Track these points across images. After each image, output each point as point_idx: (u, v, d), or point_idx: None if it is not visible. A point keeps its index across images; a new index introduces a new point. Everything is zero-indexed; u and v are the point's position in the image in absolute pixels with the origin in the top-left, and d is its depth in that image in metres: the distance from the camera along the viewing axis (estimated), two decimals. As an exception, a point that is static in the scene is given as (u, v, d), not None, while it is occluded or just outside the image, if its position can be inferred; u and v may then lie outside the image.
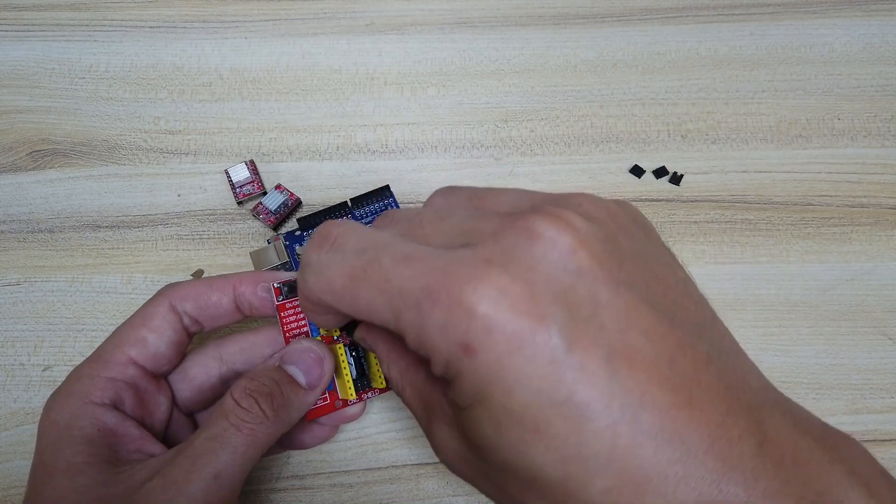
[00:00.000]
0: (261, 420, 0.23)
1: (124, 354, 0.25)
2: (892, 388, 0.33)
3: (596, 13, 0.43)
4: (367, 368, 0.27)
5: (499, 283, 0.16)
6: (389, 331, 0.19)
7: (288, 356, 0.25)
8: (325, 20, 0.43)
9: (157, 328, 0.26)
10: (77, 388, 0.24)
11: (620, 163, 0.38)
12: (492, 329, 0.16)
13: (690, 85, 0.41)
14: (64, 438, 0.23)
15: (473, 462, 0.19)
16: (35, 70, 0.41)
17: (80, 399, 0.24)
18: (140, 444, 0.24)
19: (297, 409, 0.24)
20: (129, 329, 0.26)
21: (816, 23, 0.43)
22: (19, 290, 0.35)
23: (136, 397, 0.25)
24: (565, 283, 0.16)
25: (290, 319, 0.26)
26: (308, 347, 0.25)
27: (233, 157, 0.38)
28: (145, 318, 0.26)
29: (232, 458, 0.22)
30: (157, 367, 0.26)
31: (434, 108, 0.40)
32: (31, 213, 0.37)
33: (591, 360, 0.16)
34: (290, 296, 0.26)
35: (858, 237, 0.36)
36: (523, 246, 0.17)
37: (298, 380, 0.24)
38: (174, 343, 0.26)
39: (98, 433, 0.24)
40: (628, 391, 0.15)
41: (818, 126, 0.40)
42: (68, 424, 0.24)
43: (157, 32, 0.42)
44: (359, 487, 0.31)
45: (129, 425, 0.24)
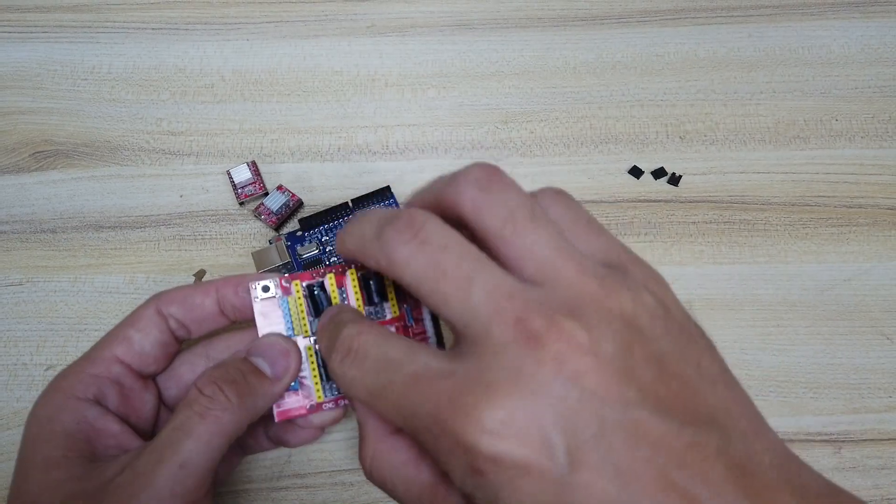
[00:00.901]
0: (225, 406, 0.23)
1: (110, 352, 0.26)
2: (889, 387, 0.33)
3: (595, 15, 0.43)
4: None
5: (502, 415, 0.16)
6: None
7: (254, 348, 0.25)
8: (326, 22, 0.43)
9: (143, 328, 0.26)
10: (62, 384, 0.25)
11: (619, 164, 0.39)
12: (497, 460, 0.16)
13: (689, 86, 0.41)
14: (44, 433, 0.24)
15: None
16: (38, 71, 0.41)
17: (63, 394, 0.24)
18: (119, 439, 0.25)
19: (262, 397, 0.24)
20: (117, 330, 0.26)
21: (814, 24, 0.43)
22: (22, 290, 0.35)
23: (119, 394, 0.26)
24: (571, 407, 0.17)
25: (266, 319, 0.26)
26: (274, 341, 0.25)
27: (234, 157, 0.39)
28: (132, 320, 0.26)
29: (197, 446, 0.22)
30: (143, 365, 0.26)
31: (434, 110, 0.40)
32: (34, 214, 0.37)
33: (599, 478, 0.16)
34: (266, 294, 0.26)
35: (856, 237, 0.37)
36: (529, 367, 0.17)
37: (264, 370, 0.25)
38: (160, 343, 0.26)
39: (77, 427, 0.24)
40: (637, 502, 0.16)
41: (816, 127, 0.40)
42: (50, 418, 0.24)
43: (159, 34, 0.43)
44: (359, 486, 0.31)
45: (110, 420, 0.25)
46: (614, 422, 0.17)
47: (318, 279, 0.27)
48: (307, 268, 0.34)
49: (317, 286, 0.27)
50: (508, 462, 0.16)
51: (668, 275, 0.36)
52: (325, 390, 0.26)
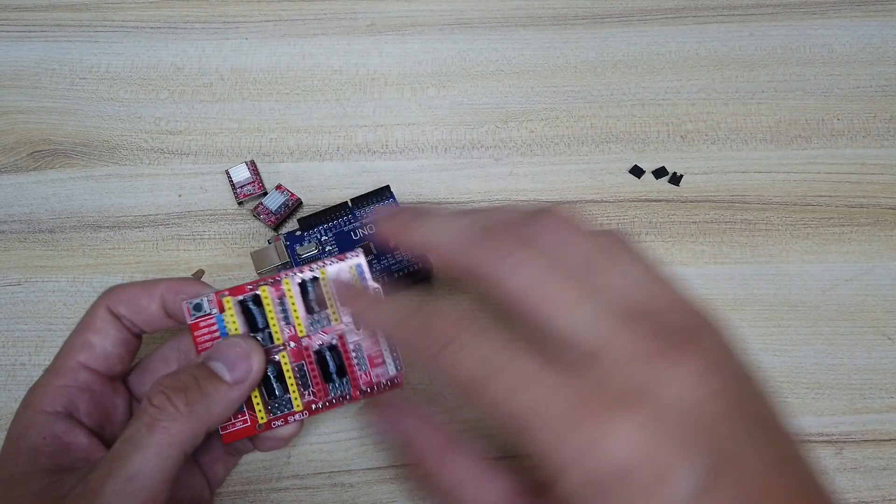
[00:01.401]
0: (174, 417, 0.22)
1: (73, 360, 0.25)
2: (891, 387, 0.33)
3: (596, 14, 0.43)
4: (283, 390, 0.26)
5: (633, 428, 0.16)
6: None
7: (213, 351, 0.25)
8: (325, 21, 0.43)
9: (100, 330, 0.26)
10: (31, 399, 0.25)
11: (620, 163, 0.39)
12: (624, 473, 0.16)
13: (690, 85, 0.41)
14: (11, 450, 0.24)
15: None
16: (36, 70, 0.41)
17: (32, 409, 0.24)
18: (88, 453, 0.24)
19: (218, 403, 0.24)
20: (75, 336, 0.26)
21: (816, 23, 0.43)
22: (20, 290, 0.35)
23: (92, 402, 0.25)
24: (696, 426, 0.17)
25: (204, 336, 0.26)
26: (235, 342, 0.25)
27: (233, 157, 0.39)
28: (87, 323, 0.26)
29: (146, 458, 0.22)
30: (109, 367, 0.26)
31: (434, 109, 0.40)
32: (32, 214, 0.37)
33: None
34: (199, 314, 0.26)
35: (858, 237, 0.37)
36: (653, 382, 0.17)
37: (222, 375, 0.24)
38: (120, 341, 0.26)
39: (43, 442, 0.24)
40: None
41: (817, 126, 0.40)
42: (18, 435, 0.24)
43: (157, 33, 0.42)
44: (359, 487, 0.31)
45: (79, 433, 0.24)
46: (740, 450, 0.17)
47: (251, 292, 0.26)
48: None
49: (250, 300, 0.26)
50: (637, 478, 0.16)
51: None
52: (268, 410, 0.26)
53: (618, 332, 0.18)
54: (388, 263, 0.33)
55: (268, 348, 0.26)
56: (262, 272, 0.33)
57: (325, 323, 0.26)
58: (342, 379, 0.26)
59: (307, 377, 0.26)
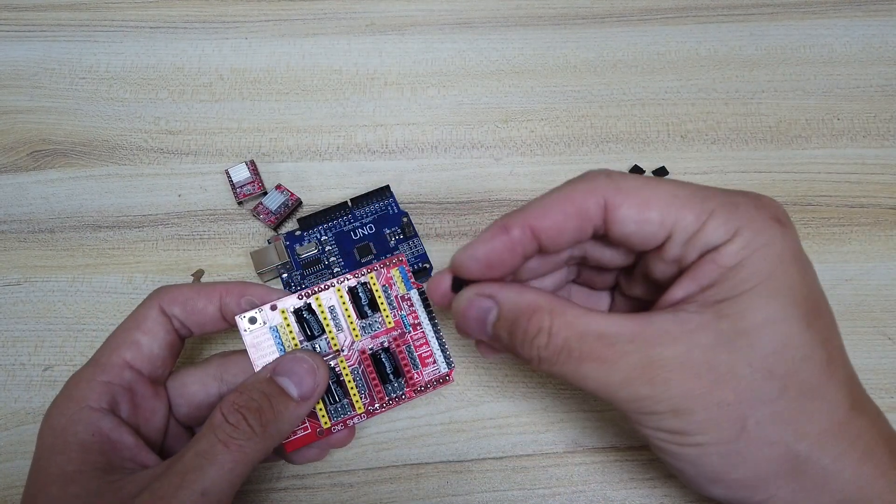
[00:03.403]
0: (249, 436, 0.23)
1: (119, 357, 0.25)
2: (891, 387, 0.33)
3: (596, 13, 0.43)
4: (342, 395, 0.27)
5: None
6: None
7: (280, 367, 0.25)
8: (325, 21, 0.43)
9: (150, 330, 0.26)
10: (75, 393, 0.24)
11: (620, 163, 0.39)
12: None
13: (690, 85, 0.41)
14: (59, 444, 0.23)
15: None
16: (35, 70, 0.41)
17: (77, 403, 0.24)
18: (134, 453, 0.24)
19: (287, 422, 0.24)
20: (123, 332, 0.26)
21: (816, 23, 0.43)
22: (20, 289, 0.35)
23: (131, 402, 0.25)
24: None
25: (260, 350, 0.26)
26: (300, 357, 0.25)
27: (233, 157, 0.39)
28: (137, 321, 0.26)
29: (219, 474, 0.22)
30: (153, 369, 0.26)
31: (434, 109, 0.40)
32: (32, 213, 0.37)
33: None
34: (253, 326, 0.26)
35: (858, 237, 0.36)
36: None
37: (290, 391, 0.24)
38: (167, 344, 0.26)
39: (93, 438, 0.23)
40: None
41: (818, 126, 0.40)
42: (64, 429, 0.24)
43: (157, 33, 0.42)
44: (359, 487, 0.31)
45: (125, 432, 0.24)
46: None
47: (304, 300, 0.26)
48: (306, 268, 0.34)
49: (304, 309, 0.26)
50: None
51: (669, 275, 0.35)
52: (330, 414, 0.26)
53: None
54: (387, 263, 0.33)
55: (325, 354, 0.26)
56: (261, 272, 0.33)
57: (377, 326, 0.27)
58: (398, 380, 0.27)
59: (365, 380, 0.27)
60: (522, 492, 0.31)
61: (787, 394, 0.21)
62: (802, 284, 0.22)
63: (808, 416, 0.21)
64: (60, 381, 0.33)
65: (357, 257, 0.34)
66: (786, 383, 0.21)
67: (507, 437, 0.32)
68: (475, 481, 0.31)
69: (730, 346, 0.21)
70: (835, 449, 0.21)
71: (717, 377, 0.21)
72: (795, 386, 0.21)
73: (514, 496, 0.31)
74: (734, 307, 0.21)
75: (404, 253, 0.34)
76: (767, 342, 0.21)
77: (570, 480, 0.31)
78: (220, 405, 0.23)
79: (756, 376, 0.21)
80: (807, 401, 0.21)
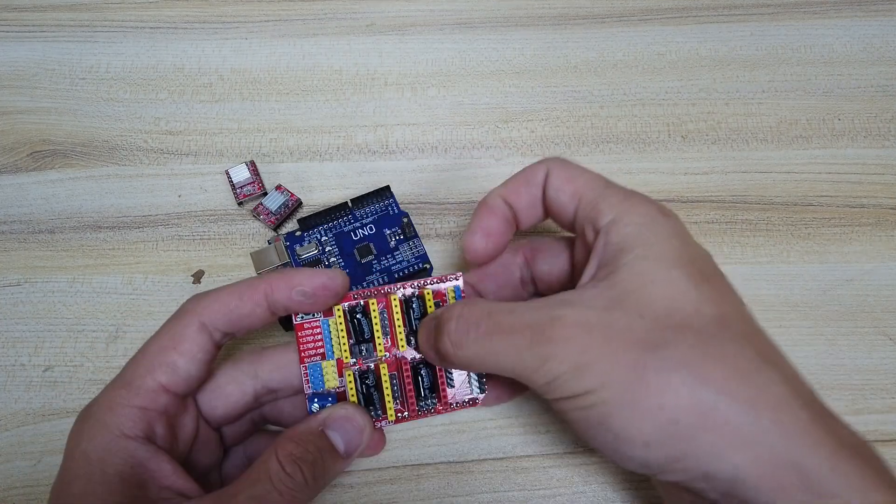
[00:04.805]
0: (302, 487, 0.23)
1: (154, 381, 0.24)
2: (892, 388, 0.33)
3: (596, 14, 0.43)
4: (378, 399, 0.27)
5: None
6: None
7: (331, 420, 0.25)
8: (325, 21, 0.43)
9: (188, 351, 0.24)
10: (109, 420, 0.23)
11: (620, 163, 0.38)
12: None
13: (690, 85, 0.41)
14: (96, 474, 0.22)
15: None
16: (35, 71, 0.41)
17: (112, 432, 0.23)
18: (172, 480, 0.24)
19: (332, 475, 0.25)
20: (159, 352, 0.24)
21: (816, 23, 0.43)
22: (20, 290, 0.35)
23: (167, 426, 0.24)
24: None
25: (308, 339, 0.27)
26: (351, 416, 0.25)
27: (233, 157, 0.38)
28: (175, 340, 0.25)
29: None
30: (188, 389, 0.25)
31: (434, 109, 0.40)
32: (32, 214, 0.37)
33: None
34: (306, 317, 0.27)
35: (859, 238, 0.36)
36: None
37: (338, 446, 0.25)
38: (204, 363, 0.25)
39: (132, 471, 0.23)
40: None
41: (818, 126, 0.40)
42: (101, 459, 0.23)
43: (157, 33, 0.42)
44: (359, 487, 0.31)
45: (162, 459, 0.24)
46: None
47: (358, 301, 0.27)
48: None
49: (359, 310, 0.27)
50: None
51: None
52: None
53: None
54: (388, 264, 0.33)
55: (366, 361, 0.27)
56: (261, 272, 0.33)
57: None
58: (432, 395, 0.27)
59: (401, 388, 0.27)
60: (523, 492, 0.31)
61: (684, 340, 0.21)
62: (686, 253, 0.23)
63: (710, 362, 0.21)
64: (60, 382, 0.33)
65: (357, 258, 0.34)
66: (681, 331, 0.21)
67: (507, 437, 0.32)
68: (476, 482, 0.31)
69: (622, 305, 0.22)
70: (743, 394, 0.20)
71: (613, 332, 0.22)
72: (692, 334, 0.21)
73: (515, 497, 0.31)
74: (623, 273, 0.23)
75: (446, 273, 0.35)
76: (656, 297, 0.22)
77: (570, 481, 0.31)
78: (276, 452, 0.23)
79: (649, 325, 0.22)
80: (705, 346, 0.21)
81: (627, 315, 0.22)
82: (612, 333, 0.22)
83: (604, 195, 0.25)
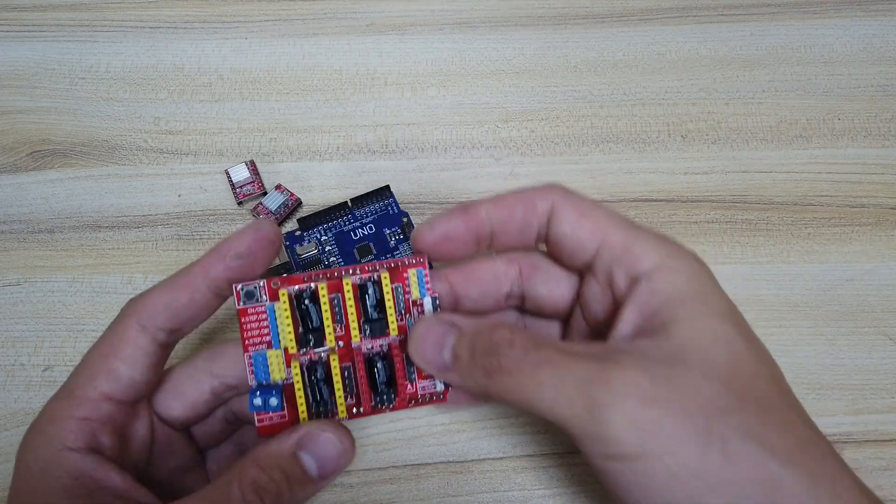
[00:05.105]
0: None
1: (95, 390, 0.23)
2: (892, 388, 0.33)
3: (596, 13, 0.43)
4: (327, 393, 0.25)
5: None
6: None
7: (307, 440, 0.23)
8: (325, 20, 0.43)
9: (128, 357, 0.23)
10: (50, 430, 0.22)
11: (620, 163, 0.38)
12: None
13: (690, 85, 0.41)
14: (39, 487, 0.22)
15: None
16: (35, 70, 0.41)
17: (55, 445, 0.22)
18: (123, 490, 0.22)
19: (300, 499, 0.23)
20: (99, 359, 0.23)
21: (816, 23, 0.43)
22: (19, 290, 0.35)
23: (113, 434, 0.23)
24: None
25: (252, 325, 0.24)
26: (331, 439, 0.23)
27: (233, 157, 0.38)
28: (113, 346, 0.23)
29: None
30: (135, 395, 0.24)
31: (434, 109, 0.40)
32: (32, 214, 0.37)
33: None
34: (250, 302, 0.24)
35: (859, 237, 0.36)
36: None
37: (310, 470, 0.23)
38: (149, 366, 0.24)
39: (77, 482, 0.22)
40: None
41: (818, 126, 0.40)
42: (43, 471, 0.22)
43: (157, 33, 0.42)
44: (359, 487, 0.31)
45: (110, 470, 0.22)
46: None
47: (307, 284, 0.24)
48: (306, 268, 0.34)
49: (307, 295, 0.24)
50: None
51: (670, 275, 0.35)
52: (311, 412, 0.24)
53: None
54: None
55: (317, 351, 0.25)
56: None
57: (379, 330, 0.25)
58: (389, 390, 0.25)
59: (354, 382, 0.25)
60: (523, 492, 0.31)
61: (748, 407, 0.20)
62: (730, 306, 0.23)
63: (774, 430, 0.20)
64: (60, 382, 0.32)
65: (357, 257, 0.34)
66: (744, 396, 0.20)
67: (507, 437, 0.32)
68: (476, 482, 0.31)
69: (684, 363, 0.20)
70: (805, 467, 0.20)
71: (678, 391, 0.20)
72: (753, 400, 0.20)
73: (515, 497, 0.31)
74: (680, 328, 0.21)
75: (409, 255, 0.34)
76: (719, 358, 0.21)
77: (570, 481, 0.31)
78: (239, 478, 0.22)
79: (714, 388, 0.20)
80: (767, 415, 0.20)
81: (691, 375, 0.20)
82: (677, 392, 0.20)
83: (635, 237, 0.23)
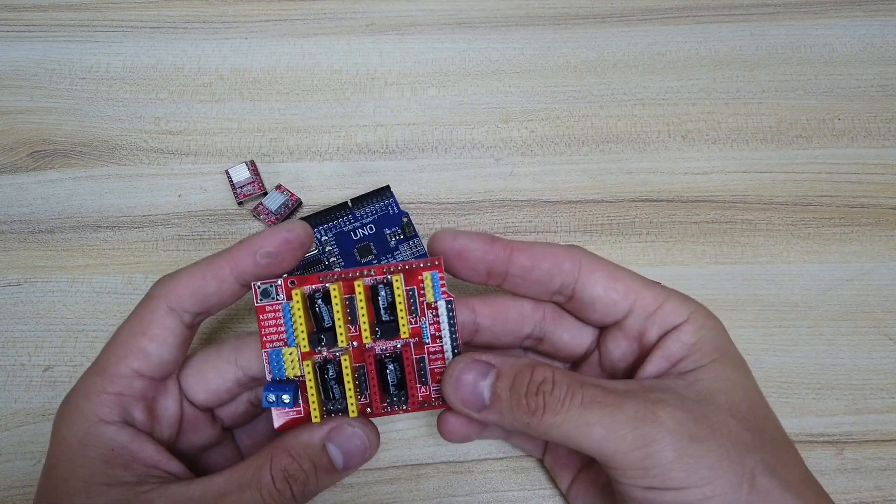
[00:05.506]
0: (289, 502, 0.23)
1: (128, 367, 0.24)
2: (892, 388, 0.33)
3: (596, 14, 0.43)
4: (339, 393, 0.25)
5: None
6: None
7: (335, 434, 0.24)
8: (325, 20, 0.43)
9: (157, 336, 0.24)
10: (85, 406, 0.24)
11: (621, 163, 0.39)
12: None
13: (690, 85, 0.41)
14: (78, 457, 0.23)
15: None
16: (35, 70, 0.41)
17: (90, 418, 0.23)
18: (157, 460, 0.24)
19: (323, 488, 0.24)
20: (129, 338, 0.25)
21: (816, 23, 0.43)
22: (20, 290, 0.35)
23: (145, 409, 0.25)
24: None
25: (269, 324, 0.25)
26: (358, 434, 0.25)
27: (233, 157, 0.38)
28: (143, 326, 0.25)
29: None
30: (164, 373, 0.25)
31: (434, 109, 0.40)
32: (32, 214, 0.37)
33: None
34: (266, 299, 0.25)
35: (859, 237, 0.36)
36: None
37: (335, 461, 0.24)
38: (177, 346, 0.25)
39: (113, 454, 0.23)
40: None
41: (818, 126, 0.40)
42: (81, 443, 0.23)
43: (157, 33, 0.42)
44: (359, 487, 0.31)
45: (145, 442, 0.24)
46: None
47: (321, 284, 0.25)
48: (306, 269, 0.34)
49: (319, 296, 0.25)
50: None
51: (670, 275, 0.35)
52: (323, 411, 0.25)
53: None
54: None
55: (331, 351, 0.25)
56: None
57: (394, 333, 0.25)
58: (400, 392, 0.25)
59: (365, 383, 0.25)
60: (523, 492, 0.31)
61: (765, 445, 0.23)
62: (743, 360, 0.26)
63: (787, 467, 0.23)
64: (60, 382, 0.33)
65: (357, 257, 0.34)
66: (761, 435, 0.23)
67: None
68: (476, 482, 0.31)
69: (713, 402, 0.23)
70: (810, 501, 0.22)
71: (713, 426, 0.22)
72: (768, 439, 0.23)
73: (515, 497, 0.31)
74: (705, 373, 0.24)
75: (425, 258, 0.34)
76: (740, 400, 0.23)
77: (570, 481, 0.31)
78: (271, 465, 0.23)
79: (740, 427, 0.22)
80: (780, 453, 0.23)
81: (721, 415, 0.22)
82: (714, 430, 0.22)
83: (665, 297, 0.25)
